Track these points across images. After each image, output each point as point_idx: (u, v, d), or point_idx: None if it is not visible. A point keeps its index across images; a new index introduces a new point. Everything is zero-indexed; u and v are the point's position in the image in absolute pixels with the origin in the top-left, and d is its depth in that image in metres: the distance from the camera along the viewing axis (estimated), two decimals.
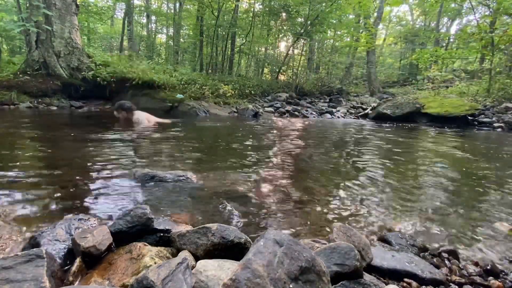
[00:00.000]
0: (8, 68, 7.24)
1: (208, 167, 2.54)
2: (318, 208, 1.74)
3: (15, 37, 10.85)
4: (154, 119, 5.03)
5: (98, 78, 7.25)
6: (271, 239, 0.86)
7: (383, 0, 15.85)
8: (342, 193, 2.05)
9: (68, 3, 7.08)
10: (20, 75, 6.74)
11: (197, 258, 1.00)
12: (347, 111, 9.70)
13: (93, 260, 1.00)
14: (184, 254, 1.00)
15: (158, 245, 1.11)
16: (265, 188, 2.06)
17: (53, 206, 1.54)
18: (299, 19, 13.51)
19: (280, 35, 16.12)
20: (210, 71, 12.14)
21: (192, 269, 0.87)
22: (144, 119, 4.90)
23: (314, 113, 8.93)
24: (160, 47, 19.10)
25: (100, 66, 7.59)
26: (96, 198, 1.67)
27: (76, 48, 7.32)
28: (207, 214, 1.57)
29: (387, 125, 7.18)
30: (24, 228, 1.29)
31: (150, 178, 1.97)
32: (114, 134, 3.79)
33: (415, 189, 2.24)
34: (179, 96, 7.52)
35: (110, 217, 1.44)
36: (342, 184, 2.29)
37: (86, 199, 1.65)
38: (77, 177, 1.99)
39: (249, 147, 3.61)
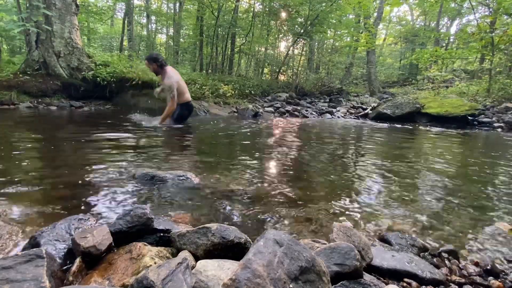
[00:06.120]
0: (8, 68, 7.22)
1: (208, 167, 2.54)
2: (318, 208, 1.74)
3: (15, 37, 10.83)
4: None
5: (98, 78, 7.24)
6: (271, 239, 0.86)
7: (383, 0, 15.85)
8: (342, 193, 2.05)
9: (68, 3, 7.07)
10: (20, 75, 6.73)
11: (197, 258, 1.00)
12: (347, 111, 9.69)
13: (93, 260, 1.00)
14: (184, 254, 1.00)
15: (158, 245, 1.11)
16: (265, 188, 2.05)
17: (53, 206, 1.54)
18: (299, 19, 13.50)
19: (280, 35, 16.10)
20: (210, 71, 12.13)
21: (192, 269, 0.87)
22: (175, 85, 4.29)
23: (314, 113, 8.92)
24: (160, 47, 19.09)
25: (100, 66, 7.58)
26: (96, 198, 1.67)
27: (76, 48, 7.32)
28: (207, 214, 1.57)
29: (387, 125, 7.17)
30: (24, 228, 1.29)
31: (150, 178, 1.97)
32: (114, 134, 3.79)
33: (415, 189, 2.24)
34: None
35: (110, 217, 1.44)
36: (342, 184, 2.29)
37: (86, 199, 1.65)
38: (77, 177, 1.99)
39: (249, 147, 3.61)
